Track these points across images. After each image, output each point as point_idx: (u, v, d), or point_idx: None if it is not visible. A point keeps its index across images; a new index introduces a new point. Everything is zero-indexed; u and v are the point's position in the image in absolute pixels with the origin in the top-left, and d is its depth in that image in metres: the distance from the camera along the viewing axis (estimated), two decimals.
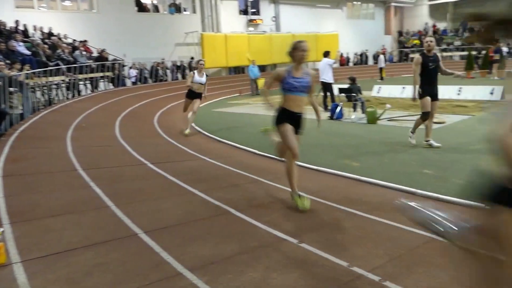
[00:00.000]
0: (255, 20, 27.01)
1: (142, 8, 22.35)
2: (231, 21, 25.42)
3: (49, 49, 14.53)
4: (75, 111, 11.16)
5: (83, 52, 16.60)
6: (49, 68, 13.08)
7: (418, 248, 3.02)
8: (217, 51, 22.85)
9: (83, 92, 15.70)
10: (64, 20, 18.85)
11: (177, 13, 23.55)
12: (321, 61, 12.06)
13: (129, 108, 12.89)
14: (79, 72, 15.02)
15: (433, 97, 6.53)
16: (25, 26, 16.09)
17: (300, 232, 3.33)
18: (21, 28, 15.68)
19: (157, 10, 23.23)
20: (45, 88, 12.93)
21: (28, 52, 13.36)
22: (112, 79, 17.59)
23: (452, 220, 1.96)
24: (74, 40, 17.48)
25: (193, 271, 2.65)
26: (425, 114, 6.56)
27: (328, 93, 11.94)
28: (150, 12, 22.79)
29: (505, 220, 1.58)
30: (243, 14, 26.76)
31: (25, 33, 15.59)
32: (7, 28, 14.87)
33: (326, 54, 12.00)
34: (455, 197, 4.10)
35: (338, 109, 10.50)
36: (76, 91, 14.98)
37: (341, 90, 11.05)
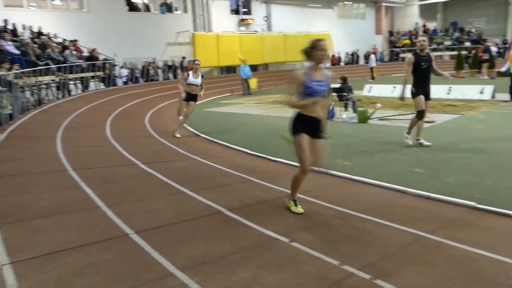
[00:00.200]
0: (247, 20, 27.02)
1: (133, 8, 22.22)
2: (223, 21, 25.39)
3: (39, 49, 14.38)
4: (66, 111, 11.05)
5: (74, 52, 16.48)
6: (39, 68, 12.96)
7: (409, 246, 3.04)
8: (209, 51, 22.82)
9: (74, 92, 15.55)
10: (54, 19, 18.63)
11: (168, 13, 23.45)
12: None
13: (120, 108, 12.81)
14: (70, 72, 14.89)
15: (426, 97, 6.54)
16: (14, 25, 15.93)
17: (292, 231, 3.34)
18: (10, 27, 15.50)
19: (148, 10, 23.10)
20: (35, 88, 12.80)
21: (17, 52, 13.23)
22: (103, 79, 17.45)
23: None
24: (64, 40, 17.32)
25: (185, 271, 2.64)
26: (420, 113, 6.55)
27: None
28: (141, 12, 22.66)
29: None
30: (235, 14, 26.76)
31: (14, 33, 15.40)
32: None
33: None
34: (446, 196, 4.15)
35: (330, 109, 10.54)
36: (67, 91, 14.85)
37: (333, 90, 11.09)
